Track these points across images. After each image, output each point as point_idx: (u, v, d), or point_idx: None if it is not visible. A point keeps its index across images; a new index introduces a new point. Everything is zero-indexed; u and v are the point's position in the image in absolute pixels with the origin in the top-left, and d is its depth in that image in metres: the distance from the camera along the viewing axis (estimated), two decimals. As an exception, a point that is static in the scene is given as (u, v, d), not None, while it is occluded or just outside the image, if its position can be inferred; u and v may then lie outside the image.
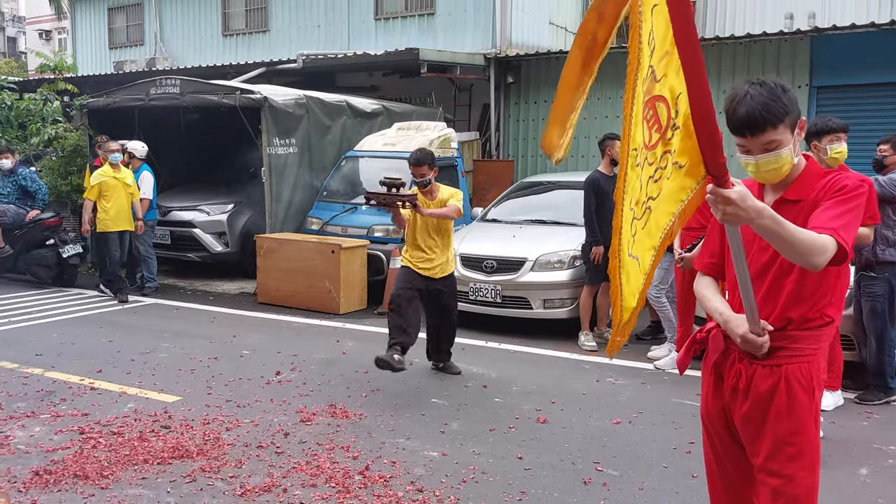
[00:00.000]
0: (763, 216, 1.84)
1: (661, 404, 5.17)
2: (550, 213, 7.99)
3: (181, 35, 16.57)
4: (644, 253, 2.05)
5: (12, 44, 41.30)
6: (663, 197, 1.93)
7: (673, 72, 1.84)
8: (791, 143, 2.08)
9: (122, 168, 8.64)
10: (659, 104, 1.92)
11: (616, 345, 2.29)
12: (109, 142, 8.71)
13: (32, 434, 4.50)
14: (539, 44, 13.22)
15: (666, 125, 1.90)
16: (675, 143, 1.87)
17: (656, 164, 1.96)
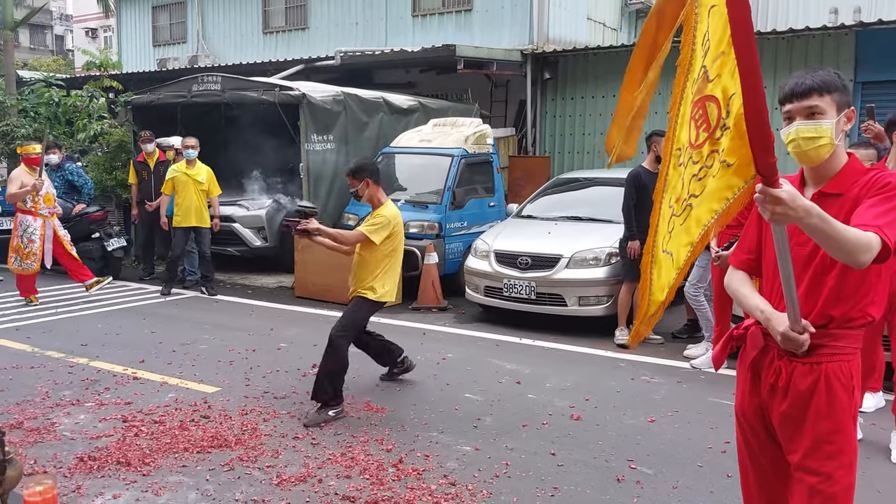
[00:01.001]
0: (811, 215, 1.83)
1: (697, 403, 5.12)
2: (587, 209, 7.94)
3: (223, 33, 16.85)
4: (680, 249, 2.05)
5: (60, 42, 42.45)
6: (707, 194, 1.94)
7: (727, 72, 1.84)
8: (834, 121, 2.08)
9: (195, 164, 8.65)
10: (709, 104, 1.93)
11: (639, 335, 2.29)
12: (188, 137, 8.73)
13: (77, 421, 4.64)
14: (577, 39, 13.14)
15: (715, 125, 1.91)
16: (724, 142, 1.87)
17: (702, 162, 1.96)
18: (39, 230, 7.96)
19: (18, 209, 7.95)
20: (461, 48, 10.73)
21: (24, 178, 7.87)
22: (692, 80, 2.04)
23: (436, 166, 8.86)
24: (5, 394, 5.12)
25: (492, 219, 9.01)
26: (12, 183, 7.95)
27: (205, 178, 8.66)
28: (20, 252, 7.92)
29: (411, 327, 7.31)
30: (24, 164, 8.00)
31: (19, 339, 6.58)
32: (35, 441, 4.29)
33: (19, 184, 7.85)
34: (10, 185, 7.95)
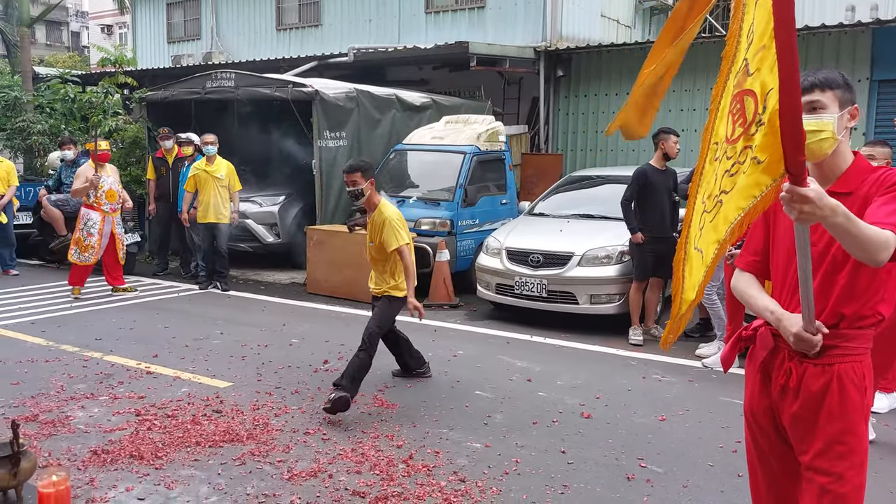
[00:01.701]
0: (837, 213, 1.82)
1: (709, 402, 5.10)
2: (599, 207, 7.92)
3: (236, 30, 16.92)
4: (708, 246, 2.04)
5: (76, 38, 42.75)
6: (736, 191, 1.93)
7: (767, 67, 1.83)
8: (837, 116, 2.10)
9: (215, 161, 8.72)
10: (747, 98, 1.92)
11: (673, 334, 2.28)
12: (207, 134, 8.83)
13: (91, 415, 4.69)
14: (590, 37, 13.10)
15: (751, 120, 1.89)
16: (758, 138, 1.86)
17: (735, 158, 1.95)
18: (99, 224, 8.16)
19: (84, 204, 8.19)
20: (474, 45, 10.72)
21: (88, 174, 8.10)
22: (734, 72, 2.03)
23: (448, 163, 8.86)
24: (21, 387, 5.18)
25: (504, 216, 9.00)
26: (78, 178, 8.20)
27: (224, 173, 8.71)
28: (80, 244, 8.15)
29: (422, 324, 7.28)
30: (91, 160, 8.20)
31: (34, 333, 6.65)
32: (50, 434, 4.34)
33: (83, 179, 8.08)
34: (76, 181, 8.21)
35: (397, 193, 9.04)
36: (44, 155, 12.96)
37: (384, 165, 9.51)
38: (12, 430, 2.03)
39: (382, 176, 9.42)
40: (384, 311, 5.11)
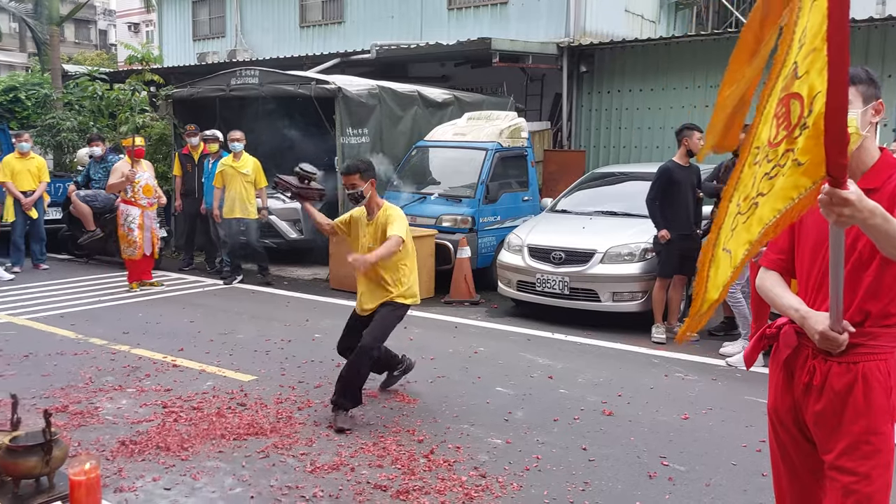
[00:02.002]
0: (875, 215, 1.81)
1: (732, 401, 5.06)
2: (622, 204, 7.88)
3: (261, 27, 17.06)
4: (739, 247, 2.03)
5: (103, 36, 43.36)
6: (773, 193, 1.91)
7: (816, 70, 1.81)
8: (860, 111, 2.08)
9: (241, 157, 8.83)
10: (794, 101, 1.90)
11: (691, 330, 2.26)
12: (233, 131, 8.93)
13: (119, 406, 4.78)
14: (614, 32, 13.01)
15: (796, 123, 1.88)
16: (801, 141, 1.84)
17: (775, 161, 1.94)
18: (138, 219, 8.33)
19: (122, 199, 8.38)
20: (496, 41, 10.71)
21: (124, 169, 8.28)
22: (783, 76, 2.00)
23: (470, 160, 8.87)
24: (51, 378, 5.29)
25: (526, 213, 8.99)
26: (114, 174, 8.40)
27: (250, 169, 8.81)
28: (125, 240, 8.36)
29: (443, 321, 7.35)
30: (127, 156, 8.37)
31: (64, 326, 6.78)
32: (79, 424, 4.43)
33: (119, 174, 8.26)
34: (112, 176, 8.42)
35: (419, 190, 9.08)
36: (73, 151, 13.16)
37: (406, 162, 9.55)
38: (45, 420, 2.09)
39: (404, 173, 9.46)
40: (384, 322, 4.64)
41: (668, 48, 11.17)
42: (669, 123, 10.80)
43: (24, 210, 9.39)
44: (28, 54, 29.65)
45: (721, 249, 2.13)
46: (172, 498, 3.56)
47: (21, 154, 9.51)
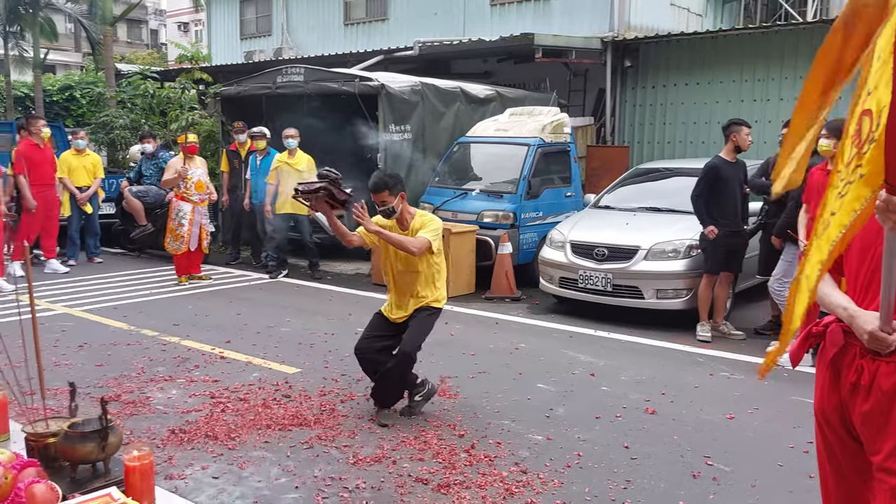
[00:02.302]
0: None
1: (779, 401, 4.97)
2: (666, 200, 7.78)
3: (306, 25, 17.27)
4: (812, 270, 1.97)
5: (154, 36, 44.40)
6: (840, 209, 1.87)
7: (884, 83, 1.75)
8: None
9: (296, 154, 8.97)
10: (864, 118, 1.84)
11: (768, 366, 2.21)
12: (288, 128, 9.09)
13: (170, 396, 4.92)
14: (659, 26, 12.82)
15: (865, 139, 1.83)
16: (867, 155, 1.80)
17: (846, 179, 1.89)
18: (189, 214, 8.53)
19: (176, 195, 8.59)
20: (539, 37, 10.65)
21: (177, 166, 8.47)
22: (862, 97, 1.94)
23: (512, 156, 8.86)
24: (104, 368, 5.48)
25: (568, 209, 8.94)
26: (168, 170, 8.62)
27: (304, 166, 8.94)
28: (173, 234, 8.57)
29: (484, 317, 7.37)
30: (182, 152, 8.57)
31: (117, 318, 7.00)
32: (131, 413, 4.58)
33: (173, 171, 8.49)
34: (166, 172, 8.65)
35: (460, 186, 9.10)
36: (125, 148, 13.55)
37: (447, 158, 9.58)
38: (101, 407, 2.17)
39: (446, 169, 9.50)
40: (422, 327, 4.57)
41: (715, 42, 10.96)
42: (716, 118, 10.61)
43: (80, 205, 9.71)
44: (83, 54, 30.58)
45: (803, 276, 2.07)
46: (220, 486, 3.66)
47: (77, 151, 9.83)
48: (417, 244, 4.38)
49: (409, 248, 4.38)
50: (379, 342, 4.60)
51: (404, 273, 4.57)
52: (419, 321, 4.58)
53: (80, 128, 11.99)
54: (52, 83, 19.07)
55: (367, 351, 4.59)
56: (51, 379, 4.78)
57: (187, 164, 8.49)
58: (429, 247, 4.41)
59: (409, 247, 4.37)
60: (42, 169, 9.02)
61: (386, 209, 4.49)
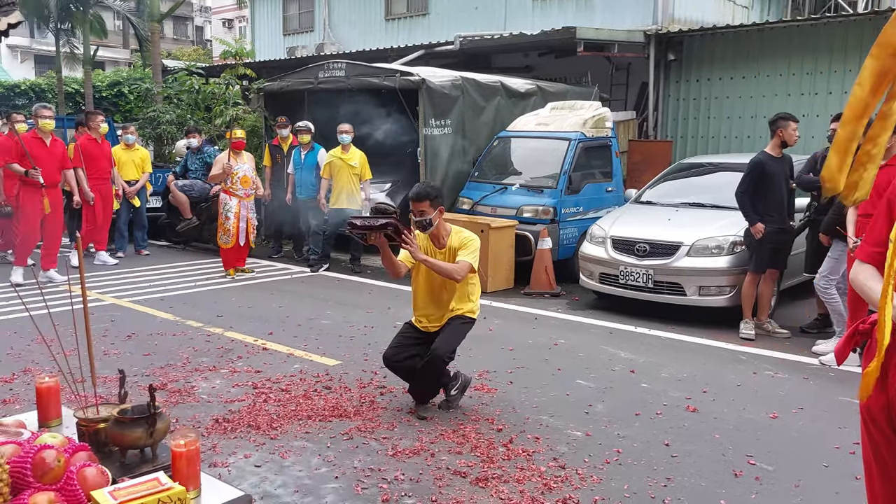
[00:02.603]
0: None
1: (825, 401, 4.86)
2: (710, 195, 7.65)
3: (348, 21, 17.40)
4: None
5: (199, 32, 45.19)
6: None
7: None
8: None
9: (350, 149, 9.06)
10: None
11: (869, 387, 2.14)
12: (343, 123, 9.15)
13: (214, 386, 5.03)
14: (704, 19, 12.59)
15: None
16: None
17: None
18: (235, 209, 8.61)
19: (223, 190, 8.67)
20: (581, 30, 10.57)
21: (224, 161, 8.54)
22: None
23: (552, 150, 8.81)
24: (151, 358, 5.62)
25: (609, 204, 8.86)
26: (215, 165, 8.72)
27: (357, 162, 9.04)
28: (222, 228, 8.66)
29: (523, 312, 7.35)
30: (233, 147, 8.64)
31: (163, 309, 7.18)
32: (177, 402, 4.69)
33: (220, 166, 8.58)
34: (214, 167, 8.76)
35: (500, 181, 9.08)
36: (171, 143, 13.83)
37: (487, 153, 9.56)
38: (149, 395, 2.24)
39: (485, 163, 9.49)
40: (457, 335, 4.57)
41: (762, 34, 10.73)
42: (762, 113, 10.39)
43: (128, 199, 9.95)
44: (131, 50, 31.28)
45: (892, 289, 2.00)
46: (262, 475, 3.73)
47: (126, 145, 10.06)
48: (462, 271, 4.38)
49: (454, 276, 4.40)
50: (408, 350, 4.61)
51: (440, 290, 4.57)
52: (453, 327, 4.58)
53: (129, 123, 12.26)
54: (102, 79, 19.57)
55: (395, 359, 4.61)
56: (101, 367, 4.94)
57: (233, 160, 8.58)
58: (469, 268, 4.42)
59: (454, 275, 4.39)
60: (99, 163, 9.14)
61: (423, 220, 4.43)
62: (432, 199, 4.42)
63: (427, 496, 3.51)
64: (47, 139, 8.22)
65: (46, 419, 2.56)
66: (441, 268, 4.38)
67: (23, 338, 5.99)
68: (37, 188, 8.02)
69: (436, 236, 4.54)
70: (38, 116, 8.16)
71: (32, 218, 8.12)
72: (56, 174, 8.32)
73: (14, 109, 11.61)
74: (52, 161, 8.20)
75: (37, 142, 8.11)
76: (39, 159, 8.04)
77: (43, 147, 8.15)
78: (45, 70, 29.23)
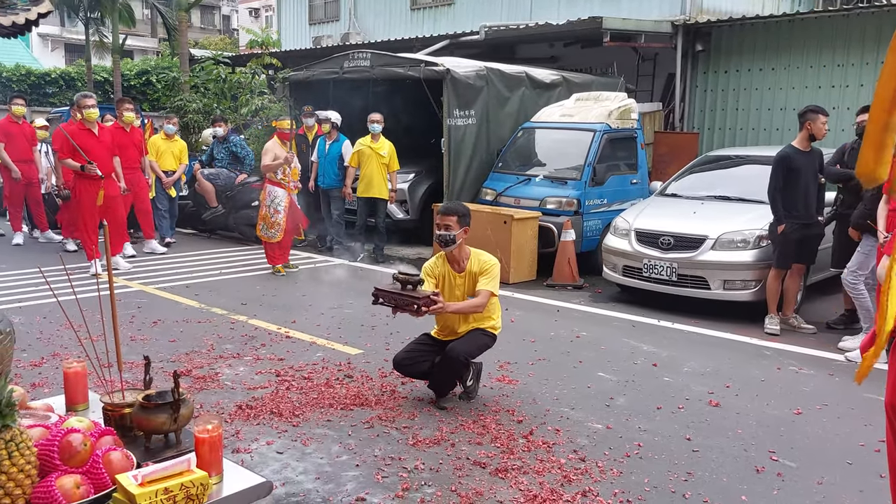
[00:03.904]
0: None
1: (850, 398, 4.80)
2: (736, 189, 7.56)
3: (373, 10, 17.37)
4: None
5: (226, 21, 45.46)
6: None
7: None
8: None
9: (379, 139, 9.02)
10: None
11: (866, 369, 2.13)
12: (373, 113, 9.03)
13: (237, 373, 5.09)
14: (733, 9, 12.36)
15: None
16: None
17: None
18: (285, 201, 8.24)
19: (268, 180, 8.30)
20: (608, 20, 10.45)
21: (277, 151, 8.15)
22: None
23: (576, 141, 8.75)
24: (177, 344, 5.70)
25: (634, 196, 8.79)
26: (266, 154, 8.26)
27: (386, 152, 9.04)
28: (267, 221, 8.23)
29: (545, 304, 7.33)
30: (277, 137, 8.31)
31: (189, 296, 7.27)
32: (201, 388, 4.76)
33: (272, 156, 8.15)
34: (265, 157, 8.22)
35: (523, 172, 9.05)
36: (198, 132, 13.95)
37: (511, 144, 9.53)
38: (174, 380, 2.27)
39: (509, 154, 9.45)
40: (478, 345, 4.55)
41: (792, 25, 10.53)
42: (791, 105, 10.22)
43: (164, 189, 9.94)
44: (158, 39, 31.59)
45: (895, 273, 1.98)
46: (284, 461, 3.77)
47: (167, 136, 10.04)
48: (484, 302, 4.42)
49: (478, 310, 4.46)
50: (419, 357, 4.60)
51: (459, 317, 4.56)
52: (473, 334, 4.56)
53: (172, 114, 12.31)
54: (130, 68, 19.79)
55: (404, 364, 4.60)
56: (127, 353, 5.02)
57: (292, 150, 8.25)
58: (489, 297, 4.45)
59: (479, 309, 4.45)
60: (128, 152, 9.03)
61: (447, 235, 4.40)
62: (460, 216, 4.41)
63: (447, 486, 3.53)
64: (94, 128, 8.12)
65: (73, 403, 2.61)
66: (464, 309, 4.43)
67: (52, 323, 6.11)
68: (94, 180, 8.00)
69: (455, 259, 4.51)
70: (82, 106, 8.06)
71: (90, 210, 8.06)
72: (109, 163, 8.24)
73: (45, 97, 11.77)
74: (102, 150, 8.13)
75: (85, 133, 8.03)
76: (90, 150, 7.95)
77: (91, 137, 8.05)
78: (74, 58, 29.62)
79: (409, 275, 4.32)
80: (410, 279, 4.29)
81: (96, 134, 8.12)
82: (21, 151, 9.83)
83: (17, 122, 9.89)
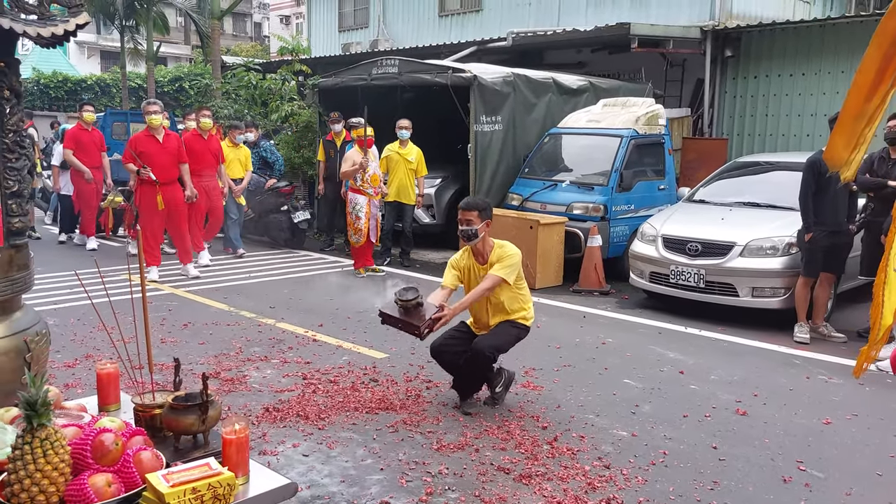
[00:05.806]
0: None
1: (881, 408, 4.72)
2: (765, 195, 7.47)
3: (402, 17, 17.49)
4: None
5: (258, 29, 46.08)
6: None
7: None
8: None
9: (407, 145, 9.08)
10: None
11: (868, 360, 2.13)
12: (402, 119, 9.12)
13: (265, 376, 5.16)
14: (763, 14, 12.25)
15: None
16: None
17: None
18: (365, 208, 8.40)
19: (350, 188, 8.49)
20: (636, 26, 10.41)
21: (356, 158, 8.28)
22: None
23: (603, 147, 8.72)
24: (206, 346, 5.80)
25: (661, 202, 8.73)
26: (346, 162, 8.40)
27: (414, 157, 9.10)
28: (353, 227, 8.49)
29: (571, 310, 7.31)
30: (357, 145, 8.43)
31: (218, 299, 7.38)
32: (229, 390, 4.84)
33: (350, 163, 8.30)
34: (344, 164, 8.44)
35: (550, 177, 9.04)
36: (228, 138, 14.12)
37: (538, 149, 9.52)
38: (202, 382, 2.33)
39: (536, 159, 9.45)
40: (507, 337, 4.57)
41: (824, 30, 10.39)
42: (822, 110, 10.08)
43: (234, 197, 9.76)
44: (192, 46, 32.08)
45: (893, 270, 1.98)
46: (310, 464, 3.82)
47: (233, 143, 9.95)
48: (487, 286, 4.46)
49: (487, 294, 4.51)
50: (455, 344, 4.64)
51: (497, 302, 4.60)
52: (502, 327, 4.60)
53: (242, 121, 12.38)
54: (164, 74, 20.17)
55: (441, 349, 4.65)
56: (158, 354, 5.11)
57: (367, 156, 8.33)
58: (499, 282, 4.45)
59: (487, 293, 4.50)
60: (205, 159, 8.97)
61: (469, 230, 4.48)
62: (481, 211, 4.49)
63: (470, 491, 3.54)
64: (159, 135, 8.16)
65: (106, 404, 2.68)
66: (476, 297, 4.49)
67: (85, 325, 6.25)
68: (151, 185, 8.07)
69: (479, 252, 4.58)
70: (145, 113, 8.12)
71: (149, 215, 8.15)
72: (172, 170, 8.23)
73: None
74: (165, 157, 8.14)
75: (149, 139, 8.11)
76: (152, 156, 8.02)
77: (155, 143, 8.10)
78: (110, 65, 30.26)
79: (408, 300, 4.36)
80: (409, 304, 4.36)
81: (160, 140, 8.15)
82: (91, 158, 10.01)
83: (87, 130, 10.08)
